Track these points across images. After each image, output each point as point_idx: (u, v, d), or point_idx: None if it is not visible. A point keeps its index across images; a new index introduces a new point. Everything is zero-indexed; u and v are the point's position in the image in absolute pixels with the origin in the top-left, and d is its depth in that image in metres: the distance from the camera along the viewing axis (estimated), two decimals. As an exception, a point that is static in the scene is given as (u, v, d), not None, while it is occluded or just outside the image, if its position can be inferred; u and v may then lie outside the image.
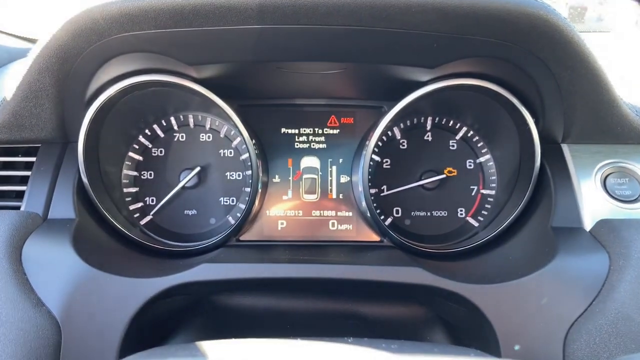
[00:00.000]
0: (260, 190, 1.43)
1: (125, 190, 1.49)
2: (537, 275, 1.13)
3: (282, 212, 1.54)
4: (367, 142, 1.40)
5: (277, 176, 1.55)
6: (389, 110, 1.36)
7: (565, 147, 1.35)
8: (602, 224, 1.23)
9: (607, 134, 1.30)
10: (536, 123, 1.31)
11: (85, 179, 1.32)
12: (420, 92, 1.31)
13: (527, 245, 1.31)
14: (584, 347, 1.03)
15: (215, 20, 1.08)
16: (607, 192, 1.29)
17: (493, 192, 1.51)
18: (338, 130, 1.57)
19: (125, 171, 1.50)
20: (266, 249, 1.46)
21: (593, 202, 1.28)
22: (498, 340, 1.09)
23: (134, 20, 1.07)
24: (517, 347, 1.05)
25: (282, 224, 1.54)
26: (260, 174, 1.41)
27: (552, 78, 1.20)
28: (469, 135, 1.53)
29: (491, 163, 1.52)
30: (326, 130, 1.56)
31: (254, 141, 1.41)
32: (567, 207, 1.28)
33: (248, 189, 1.50)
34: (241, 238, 1.52)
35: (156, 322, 1.27)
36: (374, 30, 1.07)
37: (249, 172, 1.49)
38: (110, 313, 1.11)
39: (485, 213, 1.51)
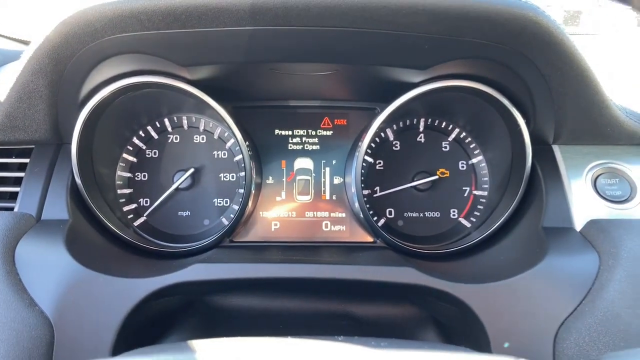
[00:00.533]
0: (253, 192, 1.44)
1: (119, 191, 1.49)
2: (527, 275, 1.14)
3: (275, 213, 1.55)
4: (360, 144, 1.41)
5: (270, 177, 1.56)
6: (382, 111, 1.36)
7: (556, 148, 1.36)
8: (592, 224, 1.24)
9: (598, 135, 1.31)
10: (527, 124, 1.32)
11: (78, 180, 1.32)
12: (412, 94, 1.32)
13: (518, 246, 1.31)
14: (574, 345, 1.04)
15: (208, 22, 1.08)
16: (597, 192, 1.30)
17: (485, 193, 1.52)
18: (331, 132, 1.57)
19: (119, 172, 1.50)
20: (260, 250, 1.46)
21: (584, 203, 1.29)
22: (489, 339, 1.09)
23: (127, 21, 1.07)
24: (506, 345, 1.05)
25: (275, 225, 1.55)
26: (254, 175, 1.42)
27: (542, 79, 1.21)
28: (462, 136, 1.54)
29: (483, 164, 1.53)
30: (320, 132, 1.57)
31: (247, 143, 1.41)
32: (558, 207, 1.29)
33: (242, 190, 1.50)
34: (235, 239, 1.52)
35: (150, 323, 1.27)
36: (365, 31, 1.08)
37: (243, 174, 1.49)
38: (103, 313, 1.11)
39: (478, 214, 1.51)
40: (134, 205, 1.51)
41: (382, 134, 1.55)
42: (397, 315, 1.37)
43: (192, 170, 1.50)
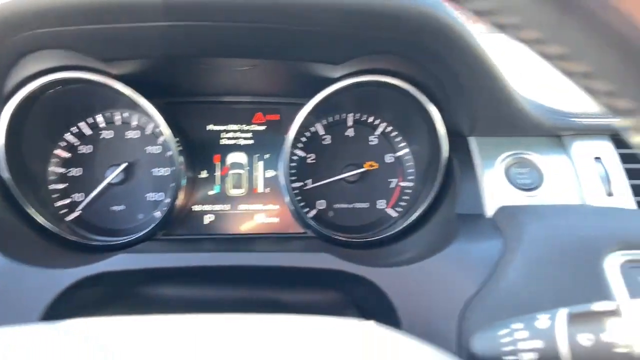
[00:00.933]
0: (185, 186, 1.47)
1: (51, 186, 1.50)
2: (436, 258, 1.20)
3: (209, 207, 1.58)
4: (286, 137, 1.46)
5: (203, 172, 1.59)
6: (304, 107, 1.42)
7: (472, 140, 1.43)
8: (502, 211, 1.31)
9: (509, 127, 1.39)
10: (443, 118, 1.39)
11: (7, 175, 1.33)
12: (331, 90, 1.38)
13: (435, 232, 1.39)
14: (475, 323, 1.10)
15: (123, 17, 1.11)
16: (509, 181, 1.38)
17: (411, 184, 1.59)
18: (264, 127, 1.62)
19: (51, 168, 1.51)
20: (192, 243, 1.50)
21: (496, 191, 1.37)
22: (399, 319, 1.15)
23: (42, 17, 1.10)
24: None
25: (209, 218, 1.58)
26: (184, 170, 1.45)
27: (453, 74, 1.28)
28: (388, 130, 1.61)
29: (409, 157, 1.60)
30: (252, 127, 1.61)
31: (177, 138, 1.44)
32: (472, 196, 1.37)
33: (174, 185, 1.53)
34: (168, 233, 1.55)
35: (80, 314, 1.29)
36: (274, 27, 1.13)
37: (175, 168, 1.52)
38: (25, 303, 1.13)
39: (404, 204, 1.58)
40: (67, 200, 1.52)
41: (313, 129, 1.60)
42: (321, 302, 1.42)
43: (124, 165, 1.52)
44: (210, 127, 1.60)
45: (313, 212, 1.59)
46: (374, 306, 1.30)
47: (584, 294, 1.11)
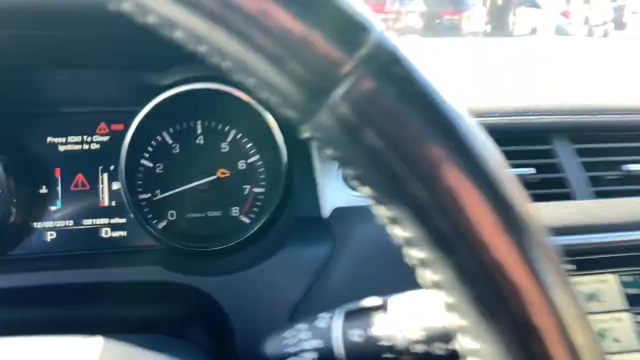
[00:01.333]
0: (22, 203, 1.39)
1: None
2: (268, 263, 1.22)
3: (50, 224, 1.51)
4: (124, 149, 1.43)
5: (44, 187, 1.51)
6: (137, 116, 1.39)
7: (312, 145, 1.47)
8: (336, 212, 1.36)
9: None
10: (281, 124, 1.42)
11: None
12: (158, 99, 1.36)
13: (276, 237, 1.41)
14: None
15: None
16: (346, 184, 1.43)
17: (263, 190, 1.60)
18: (109, 137, 1.56)
19: None
20: (31, 262, 1.42)
21: (334, 194, 1.41)
22: (233, 328, 1.16)
23: None
24: None
25: (51, 235, 1.50)
26: (18, 186, 1.38)
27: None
28: (238, 137, 1.61)
29: (260, 162, 1.60)
30: (96, 138, 1.55)
31: (9, 153, 1.37)
32: (311, 199, 1.40)
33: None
34: (6, 253, 1.46)
35: None
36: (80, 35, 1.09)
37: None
38: None
39: (257, 210, 1.59)
40: None
41: (159, 138, 1.57)
42: (164, 316, 1.39)
43: None
44: (50, 139, 1.52)
45: (163, 224, 1.55)
46: (213, 316, 1.29)
47: (406, 289, 1.17)
